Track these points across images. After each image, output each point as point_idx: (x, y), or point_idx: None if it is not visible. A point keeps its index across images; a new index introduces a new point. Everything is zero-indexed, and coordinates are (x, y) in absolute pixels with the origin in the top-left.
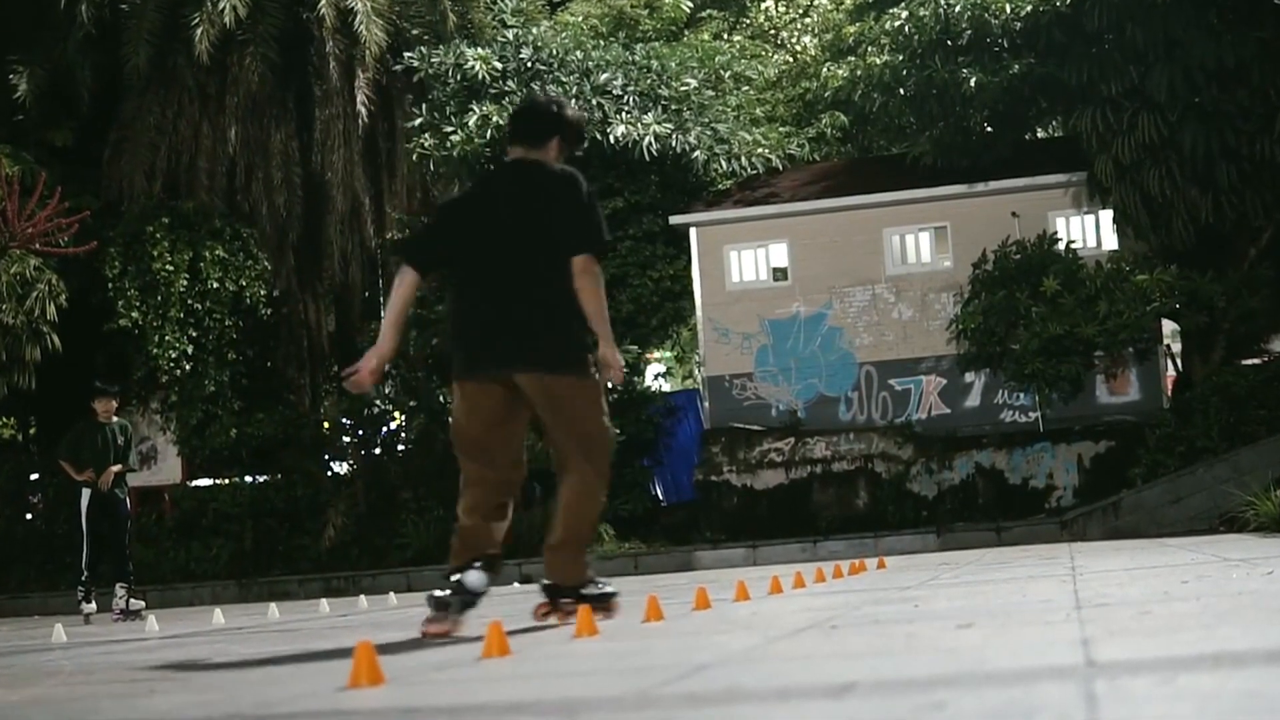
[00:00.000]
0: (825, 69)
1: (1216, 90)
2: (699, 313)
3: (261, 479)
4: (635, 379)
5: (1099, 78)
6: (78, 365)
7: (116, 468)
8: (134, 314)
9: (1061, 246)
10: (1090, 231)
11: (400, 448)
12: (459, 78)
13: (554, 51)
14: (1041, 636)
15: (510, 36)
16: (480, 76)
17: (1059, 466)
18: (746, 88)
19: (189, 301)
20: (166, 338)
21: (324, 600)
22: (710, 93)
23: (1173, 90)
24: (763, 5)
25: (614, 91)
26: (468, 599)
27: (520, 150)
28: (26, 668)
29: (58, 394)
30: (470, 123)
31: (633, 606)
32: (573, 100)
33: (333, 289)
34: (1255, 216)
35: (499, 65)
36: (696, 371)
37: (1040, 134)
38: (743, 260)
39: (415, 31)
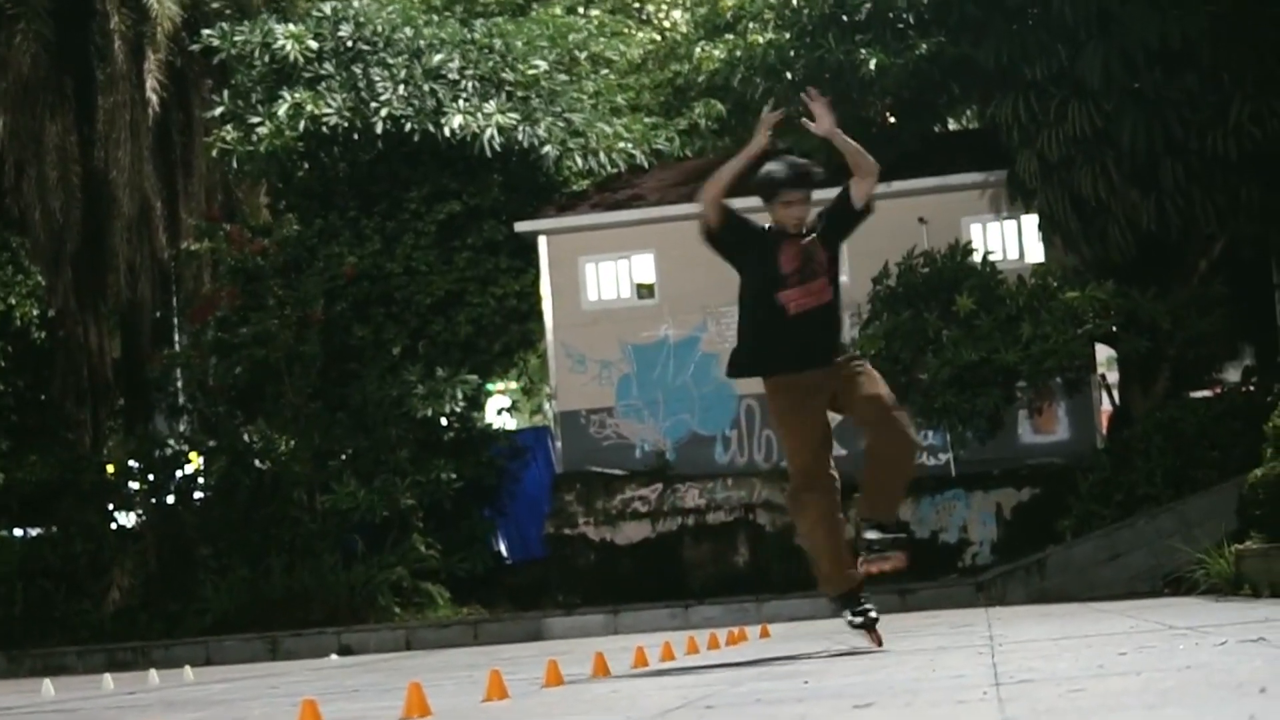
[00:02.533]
0: (698, 49)
1: (1160, 74)
2: (550, 336)
3: (34, 533)
4: (475, 415)
5: (1021, 59)
6: None
7: None
8: None
9: (977, 258)
10: (1011, 241)
11: (198, 496)
12: (267, 59)
13: (378, 29)
14: (954, 718)
15: (327, 11)
16: (292, 58)
17: (974, 518)
18: (606, 71)
19: None
20: None
21: (108, 675)
22: (563, 77)
23: (1108, 74)
24: None
25: (449, 76)
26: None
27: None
28: None
29: None
30: (280, 112)
31: (472, 684)
32: (400, 85)
33: (118, 308)
34: (1205, 223)
35: (314, 45)
36: (547, 406)
37: (952, 126)
38: (601, 274)
39: (215, 5)
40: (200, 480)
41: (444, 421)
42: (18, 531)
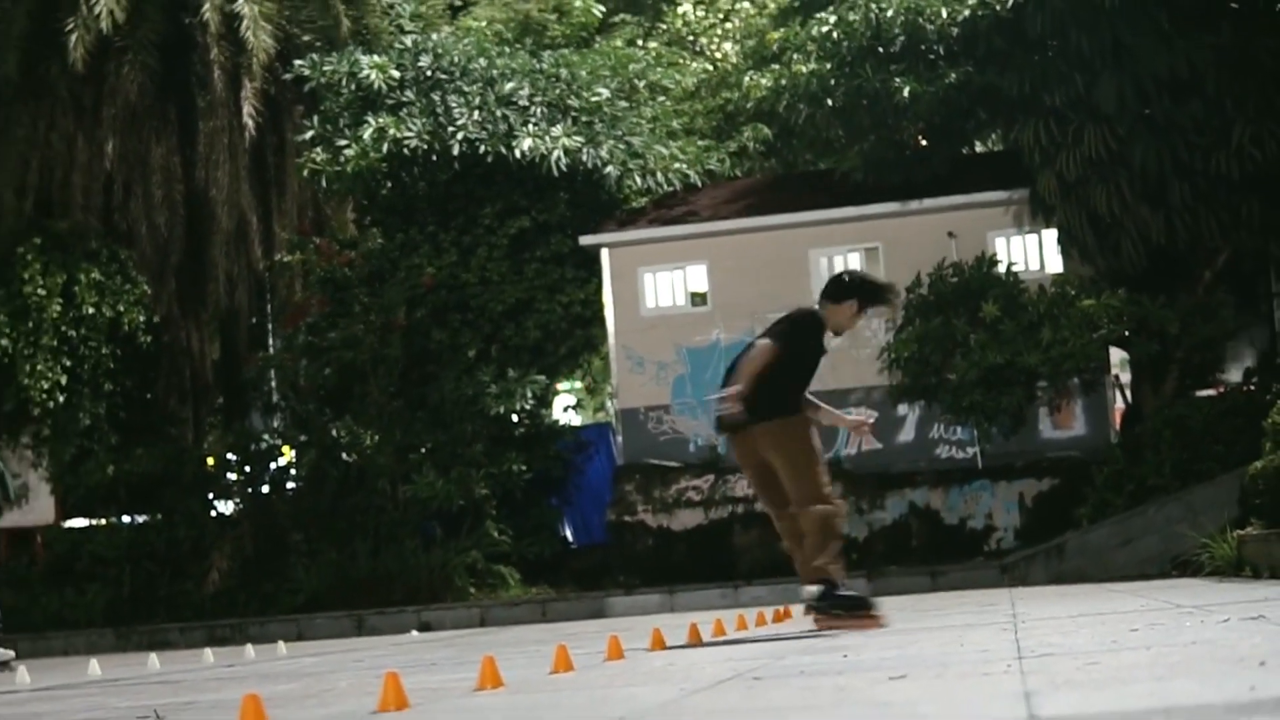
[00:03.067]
0: (747, 78)
1: (1168, 101)
2: (611, 340)
3: (141, 519)
4: (543, 412)
5: (1042, 87)
6: None
7: None
8: (3, 342)
9: (1002, 269)
10: (1033, 253)
11: (290, 486)
12: (353, 87)
13: (455, 59)
14: (980, 689)
15: (408, 43)
16: (376, 86)
17: (999, 506)
18: (663, 98)
19: (63, 328)
20: (38, 367)
21: (208, 650)
22: (624, 103)
23: (1121, 101)
24: (680, 10)
25: (520, 102)
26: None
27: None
28: None
29: None
30: (365, 135)
31: (540, 656)
32: (475, 111)
33: (217, 314)
34: (1210, 237)
35: (396, 74)
36: (608, 404)
37: (979, 148)
38: (658, 284)
39: (306, 38)
40: (292, 472)
41: (515, 418)
42: (126, 519)
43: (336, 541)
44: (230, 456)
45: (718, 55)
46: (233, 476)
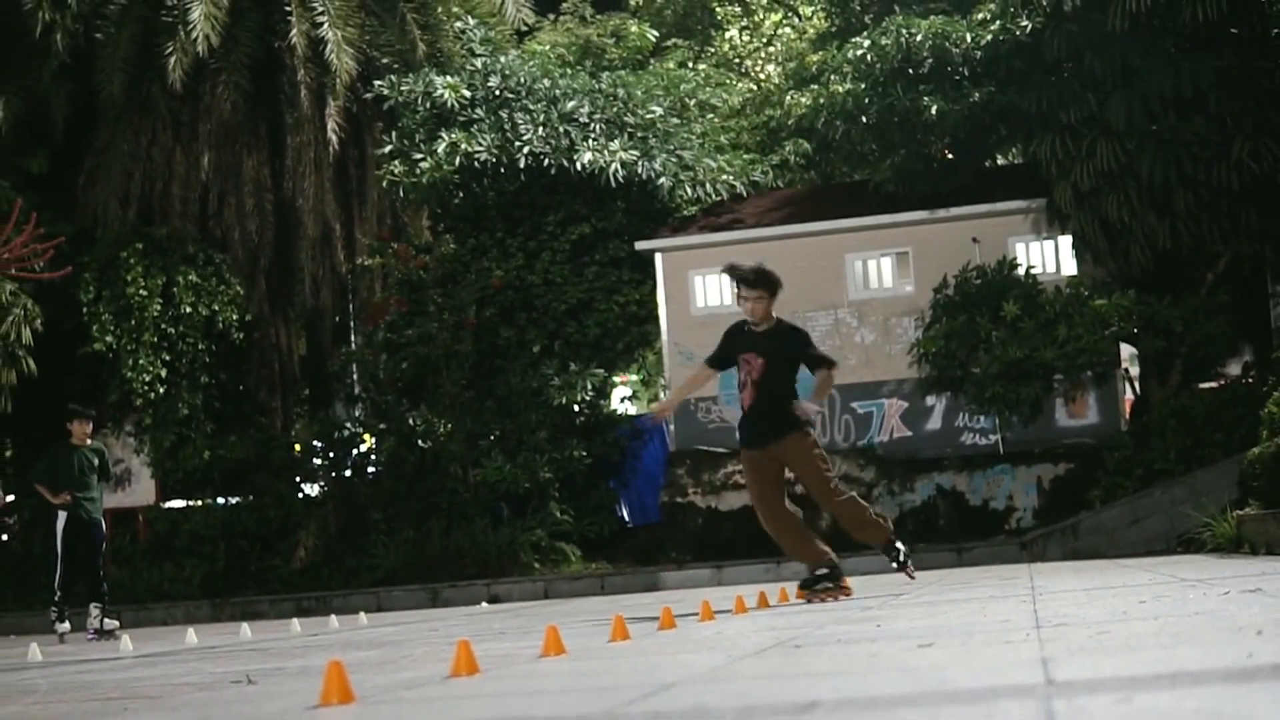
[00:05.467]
0: (788, 97)
1: (1174, 118)
2: (664, 337)
3: (234, 501)
4: (602, 403)
5: (1058, 106)
6: (53, 389)
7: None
8: (108, 338)
9: (1021, 272)
10: (1050, 257)
11: (370, 470)
12: (428, 105)
13: (522, 80)
14: (1002, 656)
15: (479, 65)
16: (449, 104)
17: (1019, 488)
18: (711, 115)
19: (162, 326)
20: (140, 361)
21: (295, 620)
22: (675, 120)
23: (1130, 118)
24: (727, 35)
25: (580, 119)
26: None
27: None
28: (2, 686)
29: (33, 417)
30: (439, 150)
31: (599, 626)
32: (539, 127)
33: (304, 313)
34: (1212, 242)
35: (467, 93)
36: (661, 395)
37: (1000, 161)
38: (707, 285)
39: (385, 60)
40: (372, 457)
41: (576, 408)
42: (220, 500)
43: (413, 521)
44: (316, 443)
45: (761, 76)
46: (318, 461)
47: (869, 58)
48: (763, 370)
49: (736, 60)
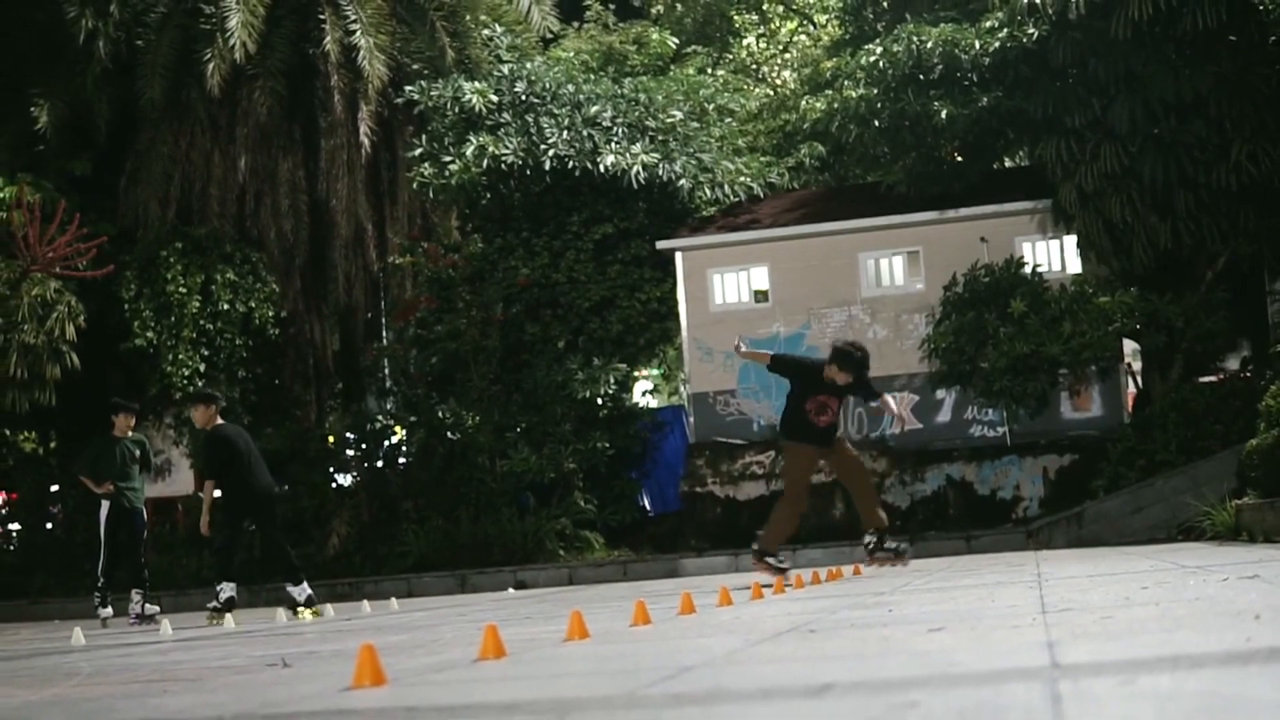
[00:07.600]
0: (804, 102)
1: (1175, 122)
2: (684, 333)
3: None
4: (624, 396)
5: (1063, 110)
6: (95, 383)
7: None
8: (149, 334)
9: (1028, 270)
10: (1055, 256)
11: (401, 461)
12: (457, 110)
13: (547, 85)
14: (1009, 640)
15: (505, 71)
16: (477, 109)
17: (1025, 479)
18: (729, 119)
19: (201, 322)
20: (180, 356)
21: (329, 605)
22: (695, 124)
23: (1133, 122)
24: (745, 42)
25: (604, 123)
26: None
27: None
28: (47, 669)
29: (76, 410)
30: (468, 152)
31: (621, 611)
32: (564, 131)
33: (337, 310)
34: (1212, 242)
35: (495, 98)
36: (682, 389)
37: (1007, 163)
38: (725, 283)
39: (415, 66)
40: (403, 448)
41: (599, 401)
42: None
43: (442, 510)
44: (349, 435)
45: (778, 82)
46: (351, 453)
47: (881, 64)
48: (837, 407)
49: (754, 66)
